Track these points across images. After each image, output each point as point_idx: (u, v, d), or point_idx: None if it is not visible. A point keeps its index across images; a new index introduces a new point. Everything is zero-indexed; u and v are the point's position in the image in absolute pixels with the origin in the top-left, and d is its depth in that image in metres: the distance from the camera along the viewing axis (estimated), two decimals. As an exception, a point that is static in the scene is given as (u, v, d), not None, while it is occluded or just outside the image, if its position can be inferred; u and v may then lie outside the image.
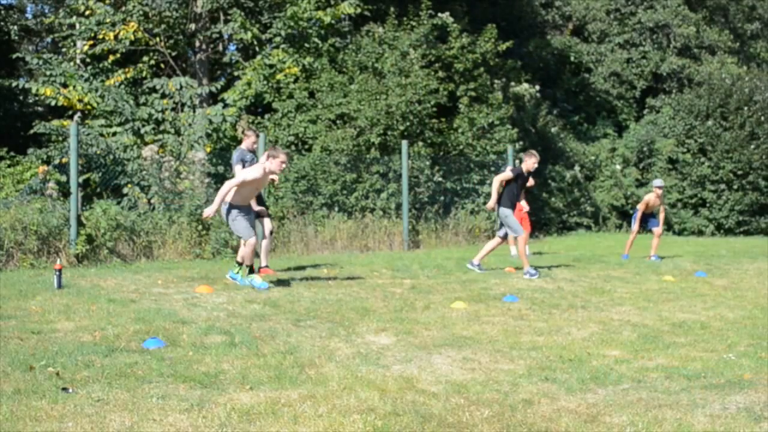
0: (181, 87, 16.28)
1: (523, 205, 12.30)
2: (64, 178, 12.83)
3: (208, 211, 8.07)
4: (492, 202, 10.43)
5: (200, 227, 12.03)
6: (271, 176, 8.59)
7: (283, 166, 8.29)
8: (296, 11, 16.87)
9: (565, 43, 26.17)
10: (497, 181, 10.38)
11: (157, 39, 16.90)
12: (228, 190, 8.10)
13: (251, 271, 8.44)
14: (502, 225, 10.70)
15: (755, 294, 9.26)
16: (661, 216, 13.45)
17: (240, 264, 8.54)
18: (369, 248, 14.59)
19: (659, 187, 13.18)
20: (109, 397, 4.50)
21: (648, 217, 13.23)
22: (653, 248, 12.95)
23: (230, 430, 4.06)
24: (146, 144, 15.16)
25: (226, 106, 16.31)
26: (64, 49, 18.48)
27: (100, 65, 17.00)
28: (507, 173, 10.47)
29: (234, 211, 8.29)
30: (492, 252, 11.10)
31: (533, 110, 21.38)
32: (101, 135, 15.22)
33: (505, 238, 10.89)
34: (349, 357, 5.75)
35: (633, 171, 22.05)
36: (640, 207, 13.24)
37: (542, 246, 16.72)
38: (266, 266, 9.91)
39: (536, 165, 10.47)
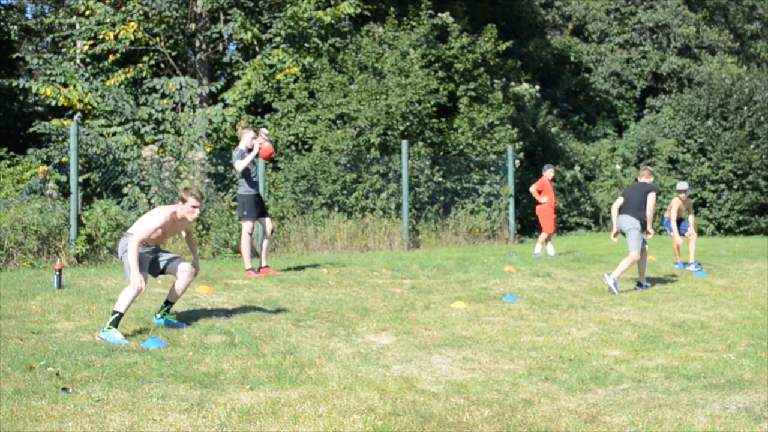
0: (181, 87, 16.27)
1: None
2: (64, 178, 12.83)
3: (133, 282, 6.00)
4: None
5: (200, 227, 12.03)
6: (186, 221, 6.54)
7: (196, 212, 6.43)
8: (296, 11, 16.86)
9: (565, 43, 26.16)
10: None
11: (157, 39, 16.90)
12: (135, 250, 6.08)
13: (116, 322, 6.04)
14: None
15: (755, 294, 9.26)
16: (691, 219, 12.60)
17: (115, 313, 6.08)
18: (369, 248, 14.59)
19: (683, 191, 12.35)
20: (109, 397, 4.50)
21: (678, 222, 12.34)
22: (692, 255, 12.13)
23: (230, 430, 4.06)
24: (146, 144, 15.16)
25: (226, 106, 16.31)
26: (64, 49, 18.47)
27: (100, 65, 16.98)
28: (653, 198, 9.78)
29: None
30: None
31: (533, 110, 21.37)
32: (101, 135, 15.21)
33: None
34: (349, 357, 5.75)
35: (633, 171, 22.03)
36: (672, 215, 12.28)
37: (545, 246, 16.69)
38: (266, 266, 9.91)
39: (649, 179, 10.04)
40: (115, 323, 6.00)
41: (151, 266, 6.46)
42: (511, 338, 6.56)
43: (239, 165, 9.61)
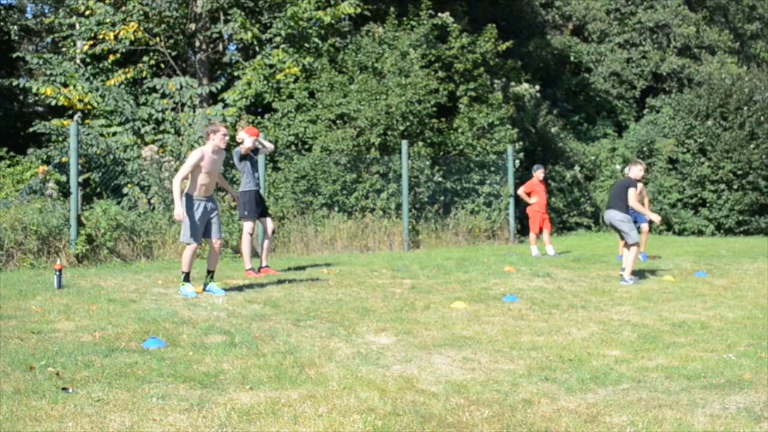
0: (181, 87, 16.27)
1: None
2: (64, 178, 12.83)
3: (177, 214, 7.65)
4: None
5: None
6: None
7: (226, 138, 7.87)
8: (296, 11, 16.86)
9: (565, 43, 26.15)
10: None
11: (157, 39, 16.89)
12: (179, 183, 7.66)
13: (187, 278, 7.95)
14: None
15: (755, 294, 9.26)
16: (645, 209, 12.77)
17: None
18: (369, 248, 14.59)
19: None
20: (109, 397, 4.50)
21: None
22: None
23: (230, 430, 4.06)
24: (146, 144, 15.16)
25: (226, 106, 16.31)
26: (64, 49, 18.47)
27: (100, 65, 16.98)
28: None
29: (188, 203, 7.80)
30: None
31: (533, 110, 21.36)
32: (101, 135, 15.21)
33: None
34: (349, 357, 5.75)
35: (633, 171, 22.02)
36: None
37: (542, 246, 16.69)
38: (266, 266, 9.91)
39: (641, 173, 10.37)
40: (186, 279, 7.85)
41: (204, 231, 7.94)
42: (511, 338, 6.56)
43: (246, 142, 9.59)
